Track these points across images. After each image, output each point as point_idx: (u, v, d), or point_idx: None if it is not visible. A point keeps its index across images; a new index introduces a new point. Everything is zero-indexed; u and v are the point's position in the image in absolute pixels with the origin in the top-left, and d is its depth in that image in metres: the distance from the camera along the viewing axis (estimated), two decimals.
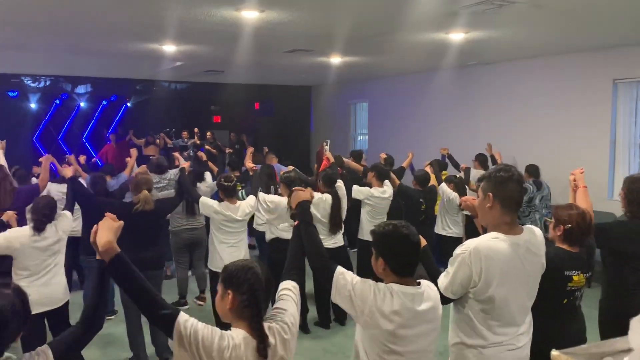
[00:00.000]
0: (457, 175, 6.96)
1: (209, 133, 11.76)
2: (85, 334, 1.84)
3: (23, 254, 3.99)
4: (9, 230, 4.09)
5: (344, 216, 5.63)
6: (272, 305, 2.13)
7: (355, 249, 6.64)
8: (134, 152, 7.38)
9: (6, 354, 1.67)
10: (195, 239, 6.29)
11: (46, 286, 4.05)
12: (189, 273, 6.47)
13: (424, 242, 2.51)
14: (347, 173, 7.33)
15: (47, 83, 12.86)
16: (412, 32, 6.37)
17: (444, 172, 7.82)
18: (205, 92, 13.69)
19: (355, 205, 6.33)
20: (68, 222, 4.31)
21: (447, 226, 6.45)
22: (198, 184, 6.39)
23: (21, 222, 5.10)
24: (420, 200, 6.40)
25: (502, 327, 2.42)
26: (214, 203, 4.95)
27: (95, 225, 1.93)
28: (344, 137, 13.31)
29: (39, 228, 4.04)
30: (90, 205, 4.91)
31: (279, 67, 10.06)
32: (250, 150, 6.94)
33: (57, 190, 6.08)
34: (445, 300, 2.42)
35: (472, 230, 2.89)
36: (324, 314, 5.63)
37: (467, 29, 6.17)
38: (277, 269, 2.30)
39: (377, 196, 6.03)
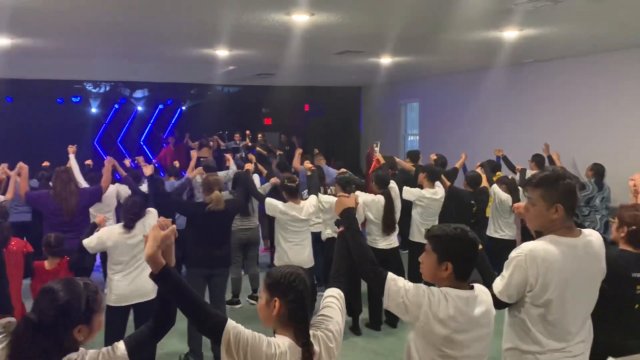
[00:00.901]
0: (510, 177, 6.79)
1: (260, 135, 11.97)
2: (158, 329, 1.90)
3: (115, 250, 4.27)
4: (101, 229, 4.39)
5: (397, 217, 5.62)
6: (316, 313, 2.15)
7: (406, 251, 6.59)
8: (194, 154, 7.61)
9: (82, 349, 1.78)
10: (249, 239, 6.42)
11: (136, 280, 4.27)
12: (242, 272, 6.60)
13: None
14: (399, 174, 7.28)
15: (107, 88, 13.43)
16: (465, 31, 6.27)
17: (497, 172, 7.65)
18: (257, 95, 13.92)
19: (405, 207, 6.28)
20: (155, 219, 4.50)
21: (499, 229, 6.30)
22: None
23: (86, 221, 5.39)
24: (472, 202, 6.28)
25: (559, 334, 2.35)
26: (279, 203, 5.11)
27: (144, 236, 1.94)
28: (394, 137, 13.22)
29: (128, 226, 4.29)
30: (166, 204, 5.10)
31: (329, 69, 10.11)
32: (299, 151, 7.02)
33: (125, 192, 6.37)
34: (500, 304, 2.37)
35: (528, 232, 2.81)
36: (375, 315, 5.63)
37: (522, 26, 6.01)
38: (339, 286, 2.33)
39: (429, 197, 5.97)
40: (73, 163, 6.50)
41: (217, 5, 5.01)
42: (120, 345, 1.79)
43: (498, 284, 2.40)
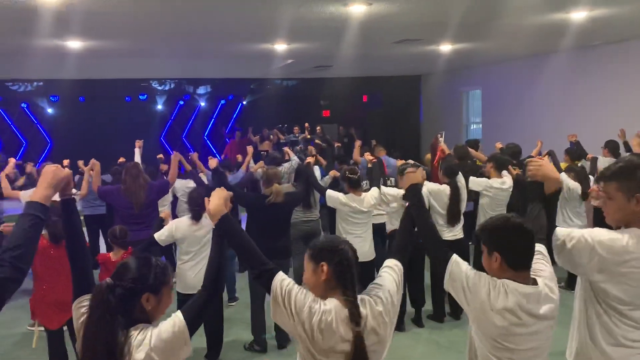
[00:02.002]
0: (579, 164, 6.49)
1: (318, 127, 12.03)
2: (210, 295, 2.03)
3: (185, 241, 4.49)
4: (170, 222, 4.62)
5: (463, 208, 5.52)
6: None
7: (472, 243, 6.45)
8: (250, 149, 7.77)
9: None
10: (311, 230, 6.47)
11: (203, 270, 4.42)
12: None
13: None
14: (472, 164, 7.10)
15: (172, 86, 13.93)
16: (529, 14, 6.04)
17: (576, 161, 7.27)
18: (315, 88, 14.01)
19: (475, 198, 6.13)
20: None
21: (568, 218, 6.04)
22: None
23: (154, 214, 5.62)
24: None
25: (633, 329, 2.23)
26: (340, 195, 5.13)
27: (206, 198, 2.15)
28: (455, 126, 12.93)
29: (196, 218, 4.48)
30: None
31: (387, 58, 10.02)
32: (358, 143, 7.00)
33: (184, 186, 6.58)
34: (556, 249, 2.22)
35: (600, 221, 2.65)
36: (438, 307, 5.56)
37: (591, 6, 5.72)
38: (398, 258, 2.33)
39: (497, 187, 5.79)
40: (137, 157, 6.77)
41: (276, 0, 5.08)
42: (179, 314, 1.89)
43: (565, 231, 2.23)
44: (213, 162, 5.44)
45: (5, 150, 12.99)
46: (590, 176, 6.15)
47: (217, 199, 2.12)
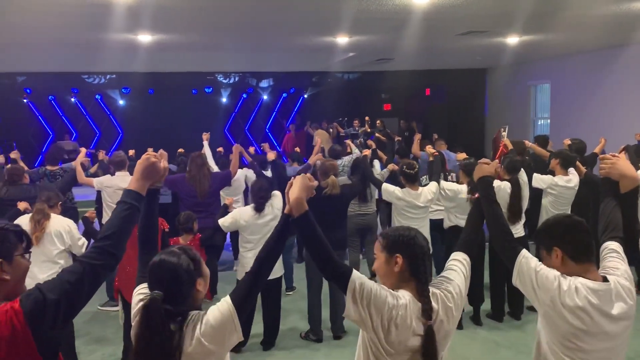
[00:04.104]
0: None
1: (378, 121, 11.96)
2: (257, 279, 1.97)
3: (247, 230, 4.67)
4: (235, 210, 4.81)
5: (525, 205, 5.34)
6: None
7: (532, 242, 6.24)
8: (318, 141, 7.86)
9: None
10: (367, 224, 6.47)
11: None
12: (360, 257, 6.69)
13: None
14: (530, 160, 6.87)
15: (236, 79, 14.25)
16: (600, 4, 5.75)
17: None
18: (376, 81, 13.91)
19: (535, 195, 5.91)
20: (280, 200, 4.80)
21: None
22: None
23: (217, 203, 5.78)
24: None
25: None
26: (396, 189, 5.11)
27: (292, 178, 2.10)
28: (522, 121, 12.49)
29: (258, 208, 4.64)
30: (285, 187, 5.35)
31: (451, 51, 9.80)
32: (417, 137, 6.89)
33: (253, 176, 6.75)
34: None
35: None
36: (498, 306, 5.42)
37: None
38: (466, 251, 2.30)
39: (562, 185, 5.56)
40: (206, 149, 7.01)
41: None
42: (228, 299, 1.90)
43: None
44: (272, 155, 5.54)
45: (79, 139, 13.77)
46: None
47: (298, 191, 2.06)
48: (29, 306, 1.60)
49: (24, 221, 4.10)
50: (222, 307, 1.87)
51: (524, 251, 2.18)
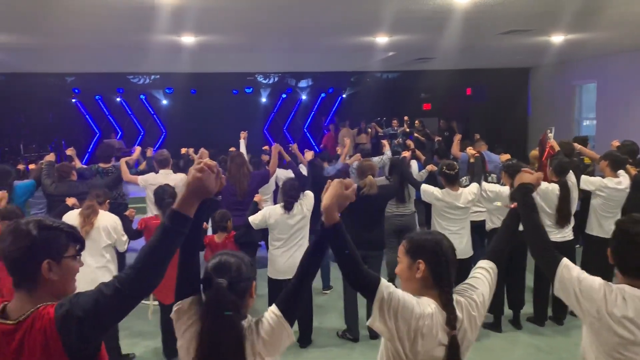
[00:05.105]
0: None
1: (417, 121, 11.85)
2: (301, 284, 1.96)
3: (276, 228, 4.73)
4: (265, 207, 4.90)
5: (574, 208, 5.22)
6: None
7: (579, 245, 6.06)
8: (347, 141, 7.90)
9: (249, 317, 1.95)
10: (404, 224, 6.44)
11: (292, 257, 4.65)
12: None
13: None
14: (579, 161, 6.70)
15: (275, 79, 14.40)
16: None
17: None
18: (415, 80, 13.80)
19: (584, 197, 5.75)
20: (311, 201, 4.84)
21: None
22: None
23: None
24: None
25: None
26: (435, 190, 5.07)
27: (328, 182, 2.01)
28: (566, 121, 12.15)
29: (287, 207, 4.69)
30: (321, 187, 5.38)
31: (493, 50, 9.63)
32: (457, 137, 6.81)
33: (284, 175, 6.81)
34: None
35: None
36: (540, 310, 5.31)
37: None
38: (495, 260, 2.25)
39: (612, 187, 5.39)
40: (242, 147, 7.10)
41: None
42: (274, 308, 1.90)
43: None
44: (309, 155, 5.58)
45: (124, 138, 14.20)
46: None
47: (329, 198, 1.94)
48: (59, 317, 1.60)
49: (72, 216, 4.30)
50: (268, 317, 1.88)
51: (565, 260, 2.12)
